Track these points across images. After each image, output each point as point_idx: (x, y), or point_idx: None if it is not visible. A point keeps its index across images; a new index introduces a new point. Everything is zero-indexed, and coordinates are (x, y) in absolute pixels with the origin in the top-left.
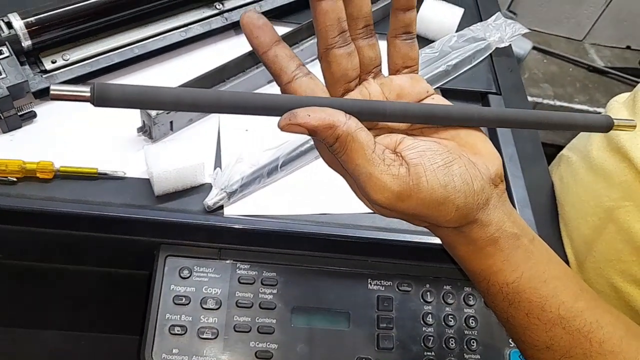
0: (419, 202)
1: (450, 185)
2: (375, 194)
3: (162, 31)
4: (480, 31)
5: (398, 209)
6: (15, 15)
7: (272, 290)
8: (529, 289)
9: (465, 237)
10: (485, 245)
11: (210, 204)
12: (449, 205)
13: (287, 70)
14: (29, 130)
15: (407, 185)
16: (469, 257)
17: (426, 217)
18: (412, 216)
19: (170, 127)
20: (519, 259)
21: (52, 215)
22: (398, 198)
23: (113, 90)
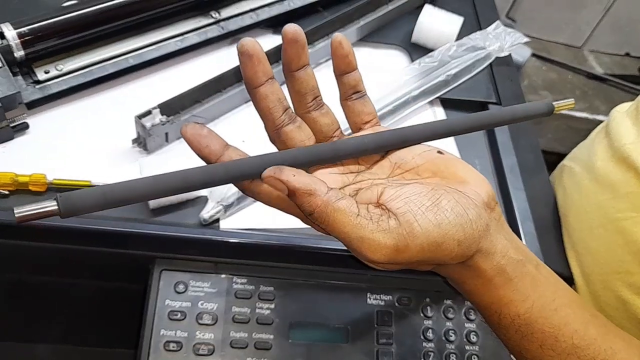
0: (419, 248)
1: (445, 222)
2: (373, 255)
3: (157, 40)
4: (480, 40)
5: (400, 261)
6: (8, 26)
7: (270, 305)
8: (541, 319)
9: (473, 271)
10: (493, 276)
11: (206, 217)
12: (449, 243)
13: None
14: (21, 142)
15: (401, 237)
16: (478, 291)
17: (431, 260)
18: (417, 263)
19: (165, 138)
20: (528, 288)
21: (44, 229)
22: (396, 251)
23: (77, 198)
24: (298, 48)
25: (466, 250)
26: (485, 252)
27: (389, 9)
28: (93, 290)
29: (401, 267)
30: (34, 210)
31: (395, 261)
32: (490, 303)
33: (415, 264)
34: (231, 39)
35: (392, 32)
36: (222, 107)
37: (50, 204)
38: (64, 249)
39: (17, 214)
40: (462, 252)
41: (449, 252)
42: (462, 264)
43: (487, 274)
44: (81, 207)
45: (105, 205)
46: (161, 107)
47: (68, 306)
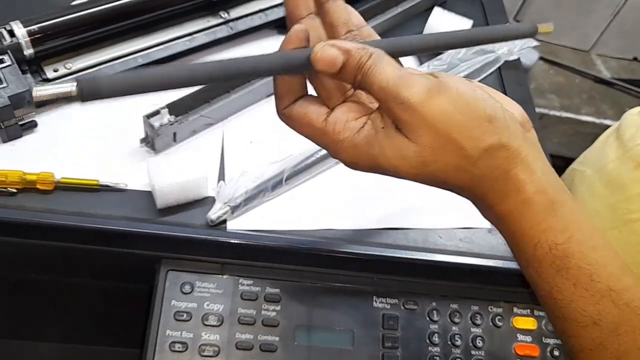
0: (449, 101)
1: (478, 93)
2: (406, 90)
3: (166, 40)
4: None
5: (428, 110)
6: (18, 24)
7: (276, 307)
8: (578, 254)
9: (514, 183)
10: (534, 193)
11: (213, 218)
12: (480, 112)
13: None
14: (29, 140)
15: (435, 83)
16: (517, 212)
17: (460, 131)
18: (445, 131)
19: (173, 138)
20: (567, 217)
21: (51, 228)
22: (428, 93)
23: (101, 82)
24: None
25: (499, 134)
26: (525, 163)
27: (398, 11)
28: (99, 290)
29: (427, 130)
30: (53, 91)
31: (424, 107)
32: (529, 227)
33: (444, 133)
34: (240, 39)
35: (401, 34)
36: (231, 108)
37: (69, 87)
38: (70, 248)
39: (35, 94)
40: (493, 133)
41: (479, 124)
42: (503, 174)
43: (528, 189)
44: (104, 91)
45: (124, 91)
46: (169, 107)
47: (73, 305)
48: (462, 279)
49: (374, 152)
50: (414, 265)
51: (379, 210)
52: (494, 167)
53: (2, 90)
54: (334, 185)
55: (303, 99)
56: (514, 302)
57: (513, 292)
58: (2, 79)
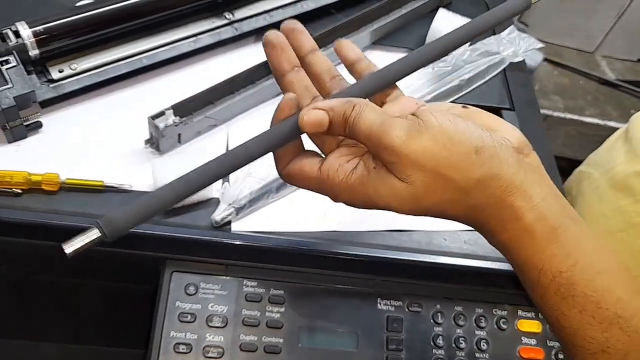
0: (431, 138)
1: (462, 125)
2: (388, 135)
3: (171, 41)
4: (494, 45)
5: (411, 151)
6: (24, 24)
7: (280, 309)
8: (584, 281)
9: (512, 212)
10: (534, 221)
11: (218, 220)
12: (466, 144)
13: None
14: (34, 141)
15: (415, 124)
16: (518, 240)
17: (447, 167)
18: (432, 168)
19: (178, 139)
20: (571, 244)
21: (56, 229)
22: (409, 135)
23: (117, 220)
24: (298, 35)
25: (487, 164)
26: (522, 191)
27: (402, 13)
28: (104, 290)
29: (414, 170)
30: (82, 242)
31: (408, 149)
32: (531, 256)
33: (430, 170)
34: (244, 40)
35: (405, 36)
36: (235, 109)
37: (94, 233)
38: None
39: (68, 250)
40: (482, 164)
41: (465, 157)
42: (499, 203)
43: (527, 217)
44: (123, 228)
45: (143, 220)
46: (174, 109)
47: (78, 305)
48: (467, 282)
49: (368, 192)
50: (419, 267)
51: (383, 212)
52: (489, 196)
53: (7, 91)
54: None
55: (297, 157)
56: (518, 305)
57: (518, 295)
58: (8, 80)
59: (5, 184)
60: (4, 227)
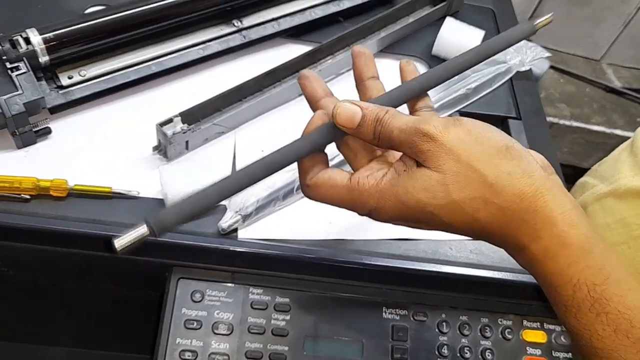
0: (466, 131)
1: (492, 127)
2: (425, 124)
3: (179, 48)
4: (501, 53)
5: (447, 140)
6: (34, 31)
7: (285, 317)
8: (617, 297)
9: (544, 214)
10: (567, 227)
11: (224, 227)
12: (495, 140)
13: None
14: (43, 147)
15: (452, 118)
16: (553, 248)
17: (479, 159)
18: (465, 159)
19: (185, 146)
20: (603, 256)
21: (64, 235)
22: (445, 125)
23: (166, 217)
24: (366, 59)
25: (517, 159)
26: (552, 194)
27: (410, 21)
28: (110, 295)
29: (449, 152)
30: (131, 237)
31: (445, 138)
32: (566, 266)
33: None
34: (252, 47)
35: (413, 43)
36: (243, 116)
37: (142, 229)
38: (82, 255)
39: (118, 246)
40: (512, 158)
41: (497, 151)
42: (532, 206)
43: (560, 221)
44: (171, 224)
45: (189, 218)
46: (182, 116)
47: (84, 310)
48: (472, 291)
49: (397, 191)
50: (424, 276)
51: None
52: (521, 196)
53: (17, 97)
54: None
55: (324, 169)
56: (523, 314)
57: (523, 305)
58: (18, 86)
59: (14, 190)
60: (12, 232)
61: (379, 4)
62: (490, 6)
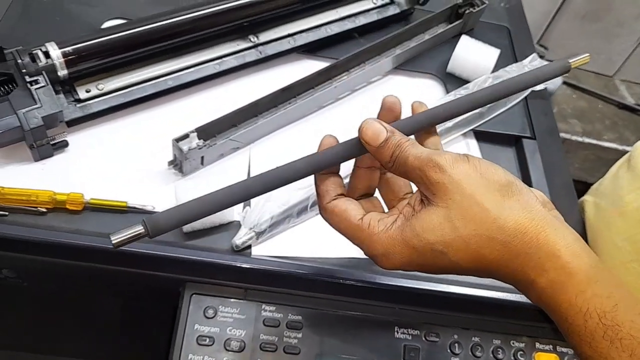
0: (473, 167)
1: (495, 165)
2: (438, 156)
3: (196, 63)
4: (516, 72)
5: (456, 172)
6: (53, 45)
7: (297, 334)
8: (628, 322)
9: (547, 248)
10: (571, 258)
11: (238, 244)
12: (498, 175)
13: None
14: (60, 160)
15: (461, 155)
16: (560, 280)
17: (482, 194)
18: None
19: (201, 161)
20: (610, 283)
21: (79, 248)
22: (455, 160)
23: (162, 220)
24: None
25: (517, 196)
26: (553, 227)
27: (425, 38)
28: (123, 309)
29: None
30: (127, 235)
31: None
32: (574, 296)
33: (477, 195)
34: (268, 62)
35: (427, 61)
36: (258, 132)
37: (139, 229)
38: (97, 269)
39: (114, 240)
40: (512, 195)
41: (499, 187)
42: (534, 241)
43: (564, 253)
44: (164, 227)
45: (183, 223)
46: (198, 131)
47: (97, 323)
48: (485, 312)
49: (406, 235)
50: (437, 297)
51: None
52: (522, 230)
53: (36, 110)
54: None
55: (344, 197)
56: (536, 337)
57: (536, 327)
58: (37, 100)
59: (30, 203)
60: (28, 245)
61: (394, 21)
62: (505, 24)
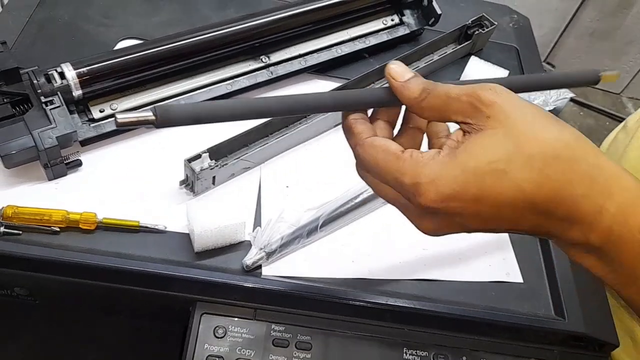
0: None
1: None
2: (485, 87)
3: (208, 83)
4: (524, 93)
5: (511, 95)
6: (68, 66)
7: (306, 355)
8: None
9: (612, 171)
10: (632, 180)
11: (249, 264)
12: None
13: None
14: (73, 179)
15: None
16: (630, 204)
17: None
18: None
19: (212, 181)
20: None
21: (92, 268)
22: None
23: (173, 111)
24: None
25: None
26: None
27: (434, 59)
28: (133, 328)
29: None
30: (134, 117)
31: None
32: None
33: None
34: (279, 82)
35: (437, 81)
36: (270, 152)
37: (148, 114)
38: (109, 288)
39: (119, 119)
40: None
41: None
42: (585, 166)
43: (624, 176)
44: (175, 119)
45: (196, 121)
46: (210, 152)
47: (107, 341)
48: (494, 334)
49: (461, 157)
50: (446, 318)
51: (412, 261)
52: (585, 153)
53: (50, 130)
54: (369, 233)
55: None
56: (545, 359)
57: (544, 350)
58: (52, 120)
59: (44, 222)
60: (41, 264)
61: (404, 41)
62: (514, 44)
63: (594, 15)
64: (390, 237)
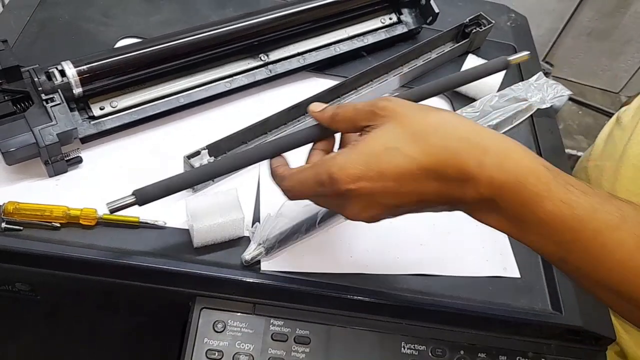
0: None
1: None
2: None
3: (207, 81)
4: (522, 91)
5: (401, 102)
6: (69, 64)
7: (305, 349)
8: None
9: (484, 134)
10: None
11: (247, 259)
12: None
13: None
14: (74, 175)
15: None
16: (503, 154)
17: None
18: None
19: None
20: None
21: (92, 263)
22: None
23: (148, 191)
24: None
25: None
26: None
27: (432, 57)
28: (133, 323)
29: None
30: (120, 203)
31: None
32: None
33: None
34: (278, 81)
35: (434, 79)
36: None
37: (131, 198)
38: (109, 283)
39: (109, 207)
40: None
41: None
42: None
43: (495, 136)
44: (151, 196)
45: (166, 193)
46: (209, 148)
47: (107, 336)
48: (491, 329)
49: (359, 147)
50: (443, 312)
51: (409, 256)
52: (462, 125)
53: (51, 128)
54: (366, 229)
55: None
56: (542, 353)
57: (542, 344)
58: (52, 117)
59: (45, 218)
60: (42, 259)
61: (402, 40)
62: (511, 42)
63: (592, 15)
64: (388, 233)
